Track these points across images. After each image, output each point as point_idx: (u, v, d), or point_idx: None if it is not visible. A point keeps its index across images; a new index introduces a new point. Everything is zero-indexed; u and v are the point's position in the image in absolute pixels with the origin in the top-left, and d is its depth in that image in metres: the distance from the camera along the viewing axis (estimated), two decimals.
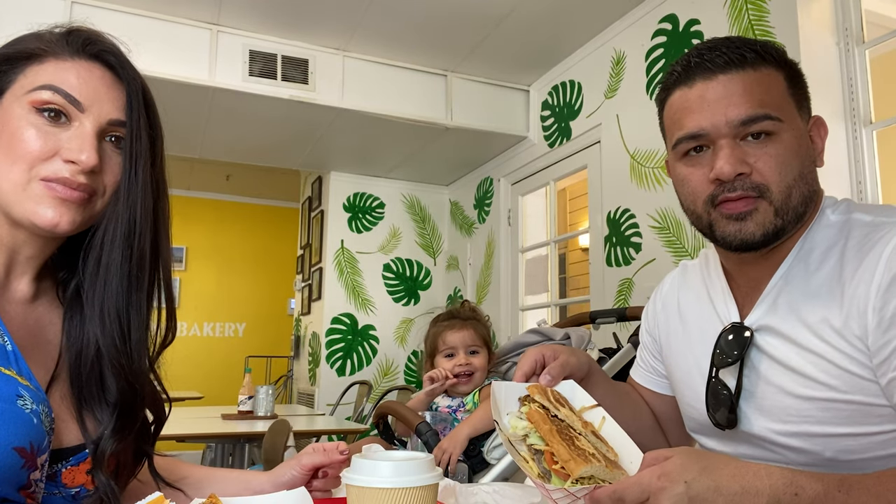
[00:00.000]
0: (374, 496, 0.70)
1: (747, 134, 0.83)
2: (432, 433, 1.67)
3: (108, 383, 0.79)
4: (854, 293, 0.78)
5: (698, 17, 2.67)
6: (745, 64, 0.84)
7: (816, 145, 0.88)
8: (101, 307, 0.78)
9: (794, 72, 0.88)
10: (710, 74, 0.85)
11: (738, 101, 0.83)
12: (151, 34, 3.14)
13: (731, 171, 0.82)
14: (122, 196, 0.77)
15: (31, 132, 0.73)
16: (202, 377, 6.47)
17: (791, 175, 0.83)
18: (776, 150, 0.82)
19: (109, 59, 0.79)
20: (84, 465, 0.76)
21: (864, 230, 0.81)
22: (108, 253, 0.78)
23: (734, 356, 0.87)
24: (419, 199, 4.99)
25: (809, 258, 0.85)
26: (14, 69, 0.75)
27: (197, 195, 6.96)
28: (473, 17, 3.13)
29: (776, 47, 0.89)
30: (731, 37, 0.90)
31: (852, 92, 2.20)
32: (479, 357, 1.87)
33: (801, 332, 0.83)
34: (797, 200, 0.83)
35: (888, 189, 2.17)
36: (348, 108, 3.51)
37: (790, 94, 0.86)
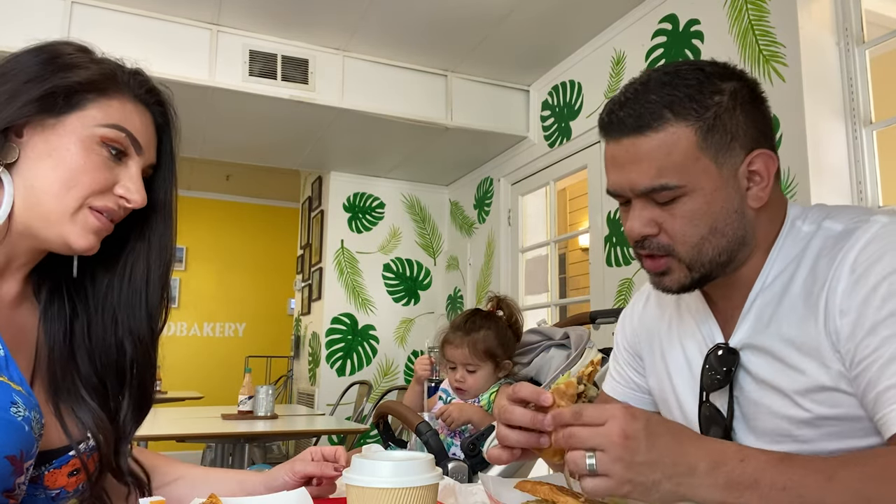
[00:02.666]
0: (374, 496, 0.70)
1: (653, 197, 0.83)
2: (432, 433, 1.67)
3: (87, 380, 0.82)
4: (827, 305, 0.78)
5: (698, 17, 2.67)
6: (647, 128, 0.81)
7: (757, 183, 0.84)
8: (146, 301, 0.87)
9: (716, 116, 0.81)
10: (617, 135, 0.84)
11: (639, 169, 0.82)
12: (151, 34, 3.14)
13: (637, 234, 0.85)
14: (160, 218, 0.89)
15: (98, 166, 0.77)
16: (202, 377, 6.47)
17: (699, 234, 0.82)
18: (682, 212, 0.81)
19: (158, 112, 0.87)
20: (66, 468, 0.77)
21: (834, 239, 0.80)
22: (146, 262, 0.88)
23: (723, 378, 0.87)
24: (419, 199, 4.99)
25: (784, 272, 0.85)
26: (84, 97, 0.78)
27: (197, 195, 6.96)
28: (473, 17, 3.13)
29: (707, 85, 0.82)
30: (659, 77, 0.85)
31: (852, 92, 2.20)
32: (474, 376, 1.86)
33: (784, 349, 0.82)
34: (711, 254, 0.83)
35: (888, 189, 2.17)
36: (348, 108, 3.51)
37: (702, 148, 0.81)
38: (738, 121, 0.82)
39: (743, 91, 0.84)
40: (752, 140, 0.83)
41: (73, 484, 0.79)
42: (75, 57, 0.79)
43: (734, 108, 0.82)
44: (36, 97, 0.75)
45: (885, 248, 0.75)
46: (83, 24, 3.00)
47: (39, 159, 0.75)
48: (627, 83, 0.88)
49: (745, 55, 2.44)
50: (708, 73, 0.84)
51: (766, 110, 0.87)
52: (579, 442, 0.68)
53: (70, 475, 0.78)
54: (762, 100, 0.87)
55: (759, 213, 0.85)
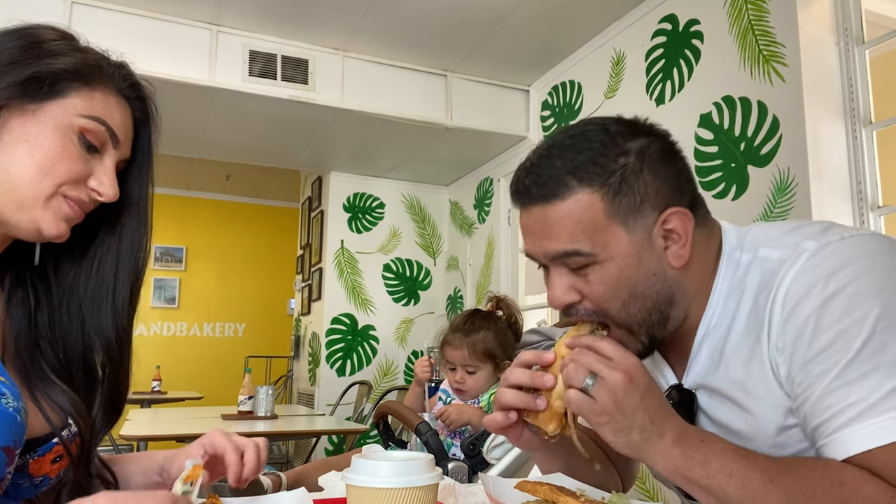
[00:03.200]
0: (374, 496, 0.70)
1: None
2: (432, 433, 1.67)
3: (54, 367, 0.82)
4: (768, 343, 0.77)
5: (698, 17, 2.67)
6: (553, 197, 0.79)
7: (675, 241, 0.80)
8: (113, 296, 0.86)
9: (622, 180, 0.78)
10: (525, 203, 0.83)
11: (549, 236, 0.80)
12: (151, 34, 3.14)
13: (557, 303, 0.83)
14: (133, 214, 0.87)
15: (74, 156, 0.77)
16: (202, 377, 6.47)
17: (620, 299, 0.80)
18: (597, 279, 0.80)
19: (138, 107, 0.86)
20: (50, 455, 0.77)
21: (770, 273, 0.78)
22: (116, 258, 0.86)
23: (687, 419, 0.85)
24: (419, 199, 4.99)
25: (726, 309, 0.83)
26: (68, 85, 0.77)
27: (197, 195, 6.96)
28: (473, 17, 3.13)
29: (611, 147, 0.79)
30: (563, 140, 0.83)
31: (852, 92, 2.20)
32: (474, 377, 1.86)
33: (734, 391, 0.81)
34: (641, 316, 0.81)
35: (888, 189, 2.17)
36: (348, 108, 3.51)
37: (610, 214, 0.78)
38: (647, 181, 0.79)
39: (651, 149, 0.81)
40: (665, 199, 0.80)
41: (56, 470, 0.79)
42: (61, 44, 0.78)
43: (641, 170, 0.79)
44: (19, 80, 0.74)
45: (811, 281, 0.73)
46: (83, 24, 3.00)
47: (15, 144, 0.74)
48: (535, 147, 0.87)
49: (745, 55, 2.44)
50: (612, 133, 0.81)
51: (679, 164, 0.84)
52: (587, 362, 0.74)
53: (53, 462, 0.78)
54: (674, 154, 0.84)
55: (685, 268, 0.82)
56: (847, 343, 0.69)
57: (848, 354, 0.69)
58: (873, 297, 0.69)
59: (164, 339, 6.66)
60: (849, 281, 0.71)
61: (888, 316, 0.69)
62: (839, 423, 0.69)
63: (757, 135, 2.36)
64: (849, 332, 0.69)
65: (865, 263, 0.72)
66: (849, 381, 0.69)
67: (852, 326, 0.69)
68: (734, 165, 2.45)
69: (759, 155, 2.34)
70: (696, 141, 2.62)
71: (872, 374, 0.68)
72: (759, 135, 2.36)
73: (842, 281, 0.71)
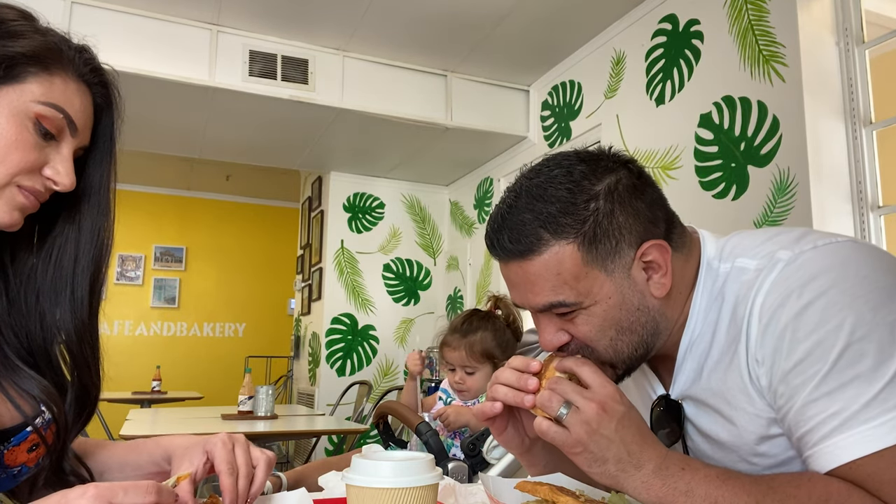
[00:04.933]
0: (374, 496, 0.70)
1: None
2: (432, 433, 1.67)
3: (19, 354, 0.80)
4: (747, 354, 0.77)
5: (698, 17, 2.67)
6: (529, 252, 0.79)
7: (656, 270, 0.81)
8: (72, 288, 0.84)
9: (596, 225, 0.78)
10: (502, 258, 0.83)
11: (532, 290, 0.81)
12: (151, 34, 3.14)
13: (550, 347, 0.85)
14: (93, 203, 0.85)
15: (29, 144, 0.74)
16: (202, 377, 6.47)
17: (607, 337, 0.81)
18: (583, 322, 0.81)
19: (100, 93, 0.83)
20: (25, 444, 0.76)
21: (748, 284, 0.78)
22: (75, 248, 0.84)
23: (675, 431, 0.87)
24: (419, 199, 4.99)
25: (707, 320, 0.83)
26: (26, 69, 0.74)
27: (197, 195, 6.96)
28: (473, 17, 3.13)
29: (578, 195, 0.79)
30: (529, 189, 0.81)
31: (852, 92, 2.20)
32: (473, 377, 1.86)
33: (717, 402, 0.82)
34: (628, 352, 0.83)
35: (888, 189, 2.17)
36: (348, 108, 3.51)
37: (588, 261, 0.78)
38: (619, 222, 0.79)
39: (619, 187, 0.80)
40: (640, 234, 0.80)
41: (34, 459, 0.77)
42: (19, 24, 0.75)
43: (612, 211, 0.79)
44: None
45: (785, 292, 0.73)
46: (83, 24, 3.00)
47: None
48: (502, 197, 0.86)
49: (745, 55, 2.44)
50: (577, 178, 0.80)
51: (650, 195, 0.83)
52: (563, 391, 0.74)
53: (30, 451, 0.76)
54: (644, 184, 0.83)
55: (666, 297, 0.82)
56: (824, 353, 0.69)
57: (826, 365, 0.69)
58: (846, 307, 0.70)
59: (164, 339, 6.66)
60: (822, 291, 0.71)
61: (862, 325, 0.69)
62: (822, 434, 0.69)
63: (757, 135, 2.36)
64: (825, 342, 0.69)
65: (838, 273, 0.72)
66: (828, 391, 0.69)
67: (828, 337, 0.69)
68: (734, 165, 2.45)
69: (759, 155, 2.34)
70: (696, 141, 2.62)
71: (851, 384, 0.68)
72: (759, 135, 2.36)
73: (815, 291, 0.71)
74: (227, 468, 0.77)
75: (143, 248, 6.69)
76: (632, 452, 0.72)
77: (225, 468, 0.77)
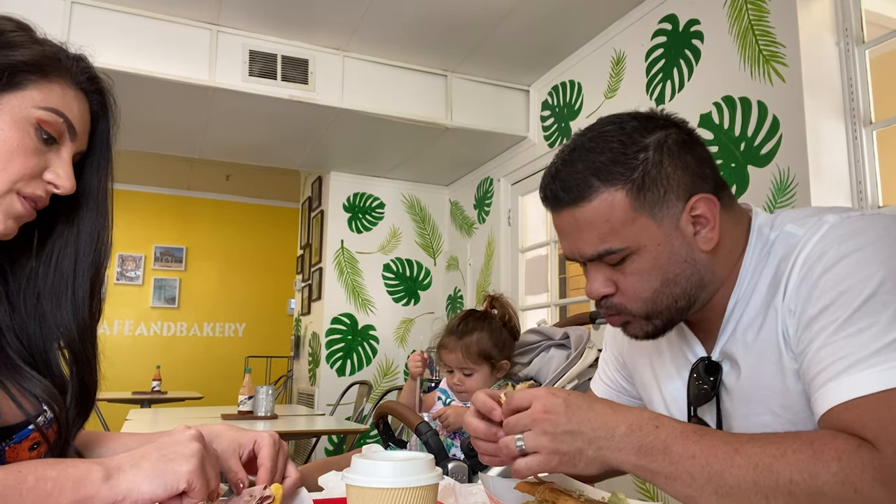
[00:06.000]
0: (374, 496, 0.70)
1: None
2: (432, 433, 1.67)
3: (21, 356, 0.81)
4: (781, 307, 0.80)
5: (698, 17, 2.67)
6: (580, 199, 0.83)
7: (704, 225, 0.84)
8: (73, 290, 0.85)
9: (645, 174, 0.81)
10: (555, 208, 0.87)
11: (582, 238, 0.84)
12: (151, 34, 3.14)
13: (596, 296, 0.87)
14: (92, 207, 0.86)
15: (30, 149, 0.75)
16: (202, 377, 6.47)
17: (652, 288, 0.84)
18: (632, 270, 0.83)
19: (96, 100, 0.85)
20: (26, 442, 0.77)
21: (792, 245, 0.81)
22: (75, 252, 0.85)
23: (710, 386, 0.88)
24: (419, 199, 4.99)
25: (751, 281, 0.86)
26: (26, 77, 0.76)
27: (197, 195, 6.96)
28: (473, 17, 3.13)
29: (629, 145, 0.82)
30: (583, 143, 0.85)
31: (852, 92, 2.20)
32: (472, 378, 1.85)
33: (750, 358, 0.84)
34: (667, 303, 0.85)
35: (888, 189, 2.17)
36: (348, 108, 3.51)
37: (636, 207, 0.81)
38: (668, 173, 0.82)
39: (669, 141, 0.84)
40: (688, 187, 0.83)
41: (35, 457, 0.78)
42: (18, 35, 0.77)
43: (661, 161, 0.82)
44: None
45: (828, 245, 0.76)
46: (83, 24, 3.00)
47: None
48: (558, 152, 0.89)
49: (745, 55, 2.44)
50: (629, 131, 0.84)
51: (699, 152, 0.86)
52: (510, 429, 0.74)
53: (31, 449, 0.77)
54: (694, 142, 0.87)
55: (714, 251, 0.85)
56: (848, 301, 0.71)
57: (847, 311, 0.71)
58: (880, 262, 0.72)
59: (164, 339, 6.66)
60: (860, 246, 0.74)
61: (892, 279, 0.71)
62: (829, 376, 0.70)
63: (757, 135, 2.36)
64: (851, 290, 0.72)
65: (878, 234, 0.75)
66: (844, 335, 0.71)
67: (855, 286, 0.71)
68: (734, 165, 2.45)
69: (759, 155, 2.34)
70: None
71: (867, 330, 0.69)
72: (759, 135, 2.36)
73: (853, 246, 0.74)
74: (271, 465, 0.82)
75: (143, 248, 6.69)
76: (595, 427, 0.72)
77: (269, 465, 0.82)
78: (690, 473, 0.68)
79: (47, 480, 0.61)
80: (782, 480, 0.65)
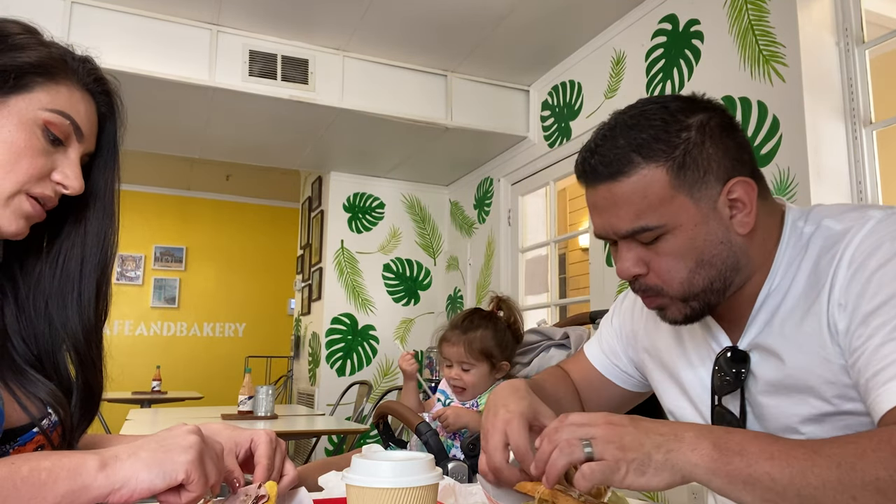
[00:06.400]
0: (374, 496, 0.70)
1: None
2: (432, 433, 1.67)
3: (26, 359, 0.81)
4: (829, 301, 0.79)
5: (698, 17, 2.67)
6: (619, 174, 0.83)
7: (740, 210, 0.84)
8: (78, 291, 0.85)
9: (686, 153, 0.81)
10: (591, 182, 0.86)
11: (617, 214, 0.84)
12: (151, 34, 3.14)
13: (626, 275, 0.86)
14: (99, 208, 0.87)
15: (38, 150, 0.76)
16: (202, 377, 6.47)
17: (686, 268, 0.83)
18: (666, 250, 0.83)
19: (103, 102, 0.85)
20: (31, 445, 0.77)
21: (834, 238, 0.81)
22: (81, 252, 0.86)
23: (733, 378, 0.88)
24: (419, 199, 4.99)
25: (787, 273, 0.86)
26: (33, 79, 0.76)
27: (197, 195, 6.96)
28: (473, 17, 3.13)
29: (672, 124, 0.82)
30: (625, 120, 0.86)
31: (852, 92, 2.20)
32: (470, 374, 1.86)
33: (787, 347, 0.84)
34: (703, 285, 0.84)
35: (888, 189, 2.17)
36: (348, 108, 3.51)
37: (675, 186, 0.82)
38: (709, 153, 0.82)
39: (711, 123, 0.84)
40: (727, 170, 0.83)
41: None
42: (24, 38, 0.78)
43: (703, 142, 0.82)
44: None
45: (879, 240, 0.76)
46: (83, 24, 3.00)
47: None
48: (597, 128, 0.89)
49: (745, 55, 2.44)
50: (672, 110, 0.84)
51: (738, 137, 0.87)
52: (569, 433, 0.70)
53: (35, 451, 0.77)
54: (734, 127, 0.87)
55: (749, 236, 0.85)
56: None
57: None
58: None
59: (164, 339, 6.66)
60: None
61: None
62: (891, 374, 0.70)
63: (757, 135, 2.36)
64: None
65: None
66: None
67: None
68: None
69: (760, 155, 2.34)
70: None
71: None
72: (759, 135, 2.36)
73: None
74: (268, 463, 0.82)
75: (143, 248, 6.69)
76: (663, 433, 0.69)
77: (265, 462, 0.82)
78: (771, 475, 0.65)
79: (41, 471, 0.61)
80: (868, 478, 0.63)
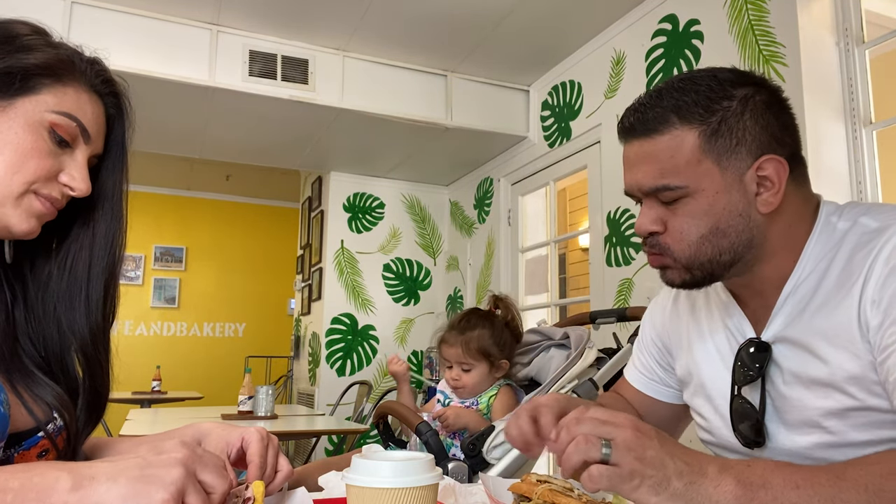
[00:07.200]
0: (374, 496, 0.70)
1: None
2: (432, 433, 1.68)
3: (35, 361, 0.81)
4: (861, 296, 0.79)
5: (698, 17, 2.67)
6: (654, 131, 0.85)
7: (767, 188, 0.84)
8: (86, 293, 0.85)
9: (722, 121, 0.82)
10: (628, 137, 0.89)
11: (644, 170, 0.86)
12: (151, 34, 3.14)
13: (643, 231, 0.88)
14: (107, 209, 0.87)
15: (44, 151, 0.76)
16: (202, 377, 6.47)
17: (699, 232, 0.84)
18: (684, 211, 0.84)
19: (112, 103, 0.85)
20: (35, 449, 0.76)
21: (870, 235, 0.81)
22: (89, 254, 0.86)
23: (755, 372, 0.88)
24: (419, 199, 4.99)
25: (818, 267, 0.85)
26: (40, 81, 0.76)
27: (197, 195, 6.96)
28: (473, 17, 3.13)
29: (717, 91, 0.84)
30: (674, 83, 0.87)
31: (852, 92, 2.20)
32: (469, 374, 1.86)
33: (814, 340, 0.83)
34: (710, 254, 0.85)
35: (888, 189, 2.17)
36: (348, 109, 3.51)
37: (705, 150, 0.83)
38: (746, 126, 0.83)
39: (757, 97, 0.84)
40: (762, 146, 0.83)
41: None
42: (33, 38, 0.78)
43: (742, 113, 0.83)
44: None
45: None
46: (83, 24, 3.00)
47: None
48: (649, 89, 0.91)
49: (744, 55, 2.44)
50: (721, 79, 0.85)
51: (784, 118, 0.87)
52: (590, 428, 0.68)
53: (39, 456, 0.77)
54: (782, 107, 0.88)
55: (771, 216, 0.85)
56: None
57: None
58: None
59: (164, 339, 6.66)
60: None
61: None
62: None
63: None
64: None
65: None
66: None
67: None
68: None
69: None
70: None
71: None
72: None
73: None
74: (260, 461, 0.81)
75: (143, 248, 6.69)
76: (689, 462, 0.67)
77: (257, 461, 0.81)
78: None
79: (7, 492, 0.58)
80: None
